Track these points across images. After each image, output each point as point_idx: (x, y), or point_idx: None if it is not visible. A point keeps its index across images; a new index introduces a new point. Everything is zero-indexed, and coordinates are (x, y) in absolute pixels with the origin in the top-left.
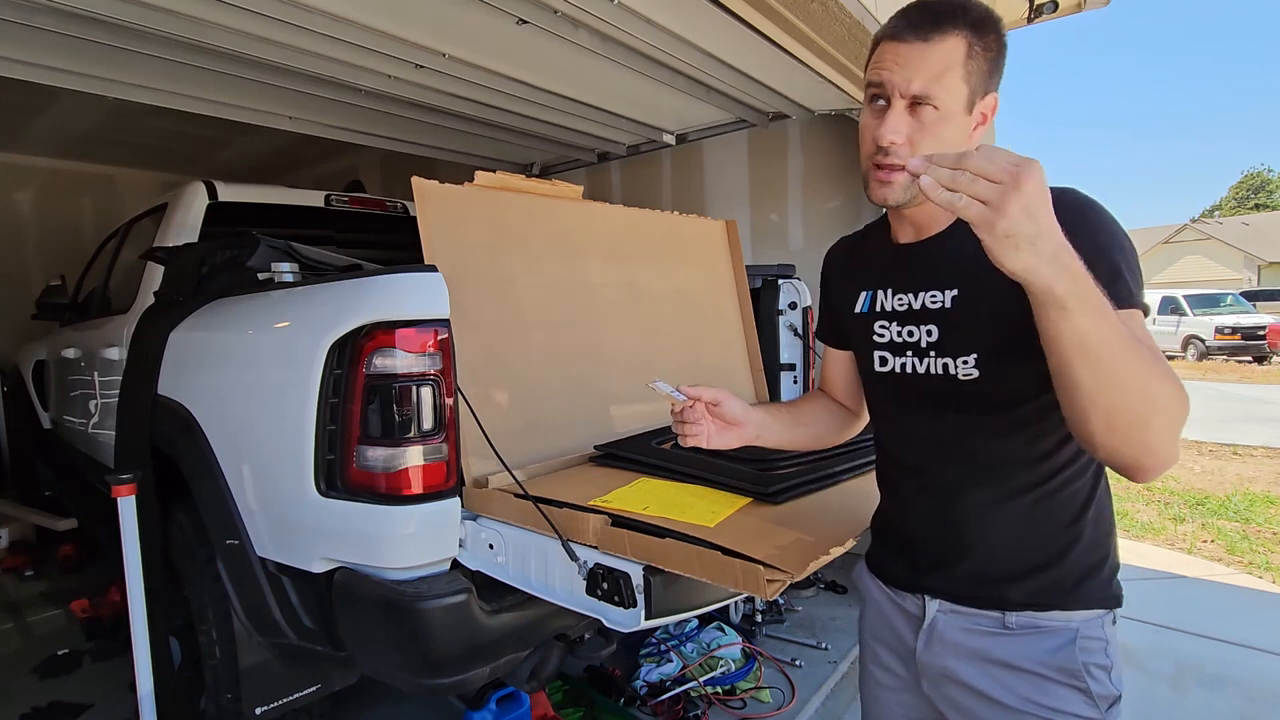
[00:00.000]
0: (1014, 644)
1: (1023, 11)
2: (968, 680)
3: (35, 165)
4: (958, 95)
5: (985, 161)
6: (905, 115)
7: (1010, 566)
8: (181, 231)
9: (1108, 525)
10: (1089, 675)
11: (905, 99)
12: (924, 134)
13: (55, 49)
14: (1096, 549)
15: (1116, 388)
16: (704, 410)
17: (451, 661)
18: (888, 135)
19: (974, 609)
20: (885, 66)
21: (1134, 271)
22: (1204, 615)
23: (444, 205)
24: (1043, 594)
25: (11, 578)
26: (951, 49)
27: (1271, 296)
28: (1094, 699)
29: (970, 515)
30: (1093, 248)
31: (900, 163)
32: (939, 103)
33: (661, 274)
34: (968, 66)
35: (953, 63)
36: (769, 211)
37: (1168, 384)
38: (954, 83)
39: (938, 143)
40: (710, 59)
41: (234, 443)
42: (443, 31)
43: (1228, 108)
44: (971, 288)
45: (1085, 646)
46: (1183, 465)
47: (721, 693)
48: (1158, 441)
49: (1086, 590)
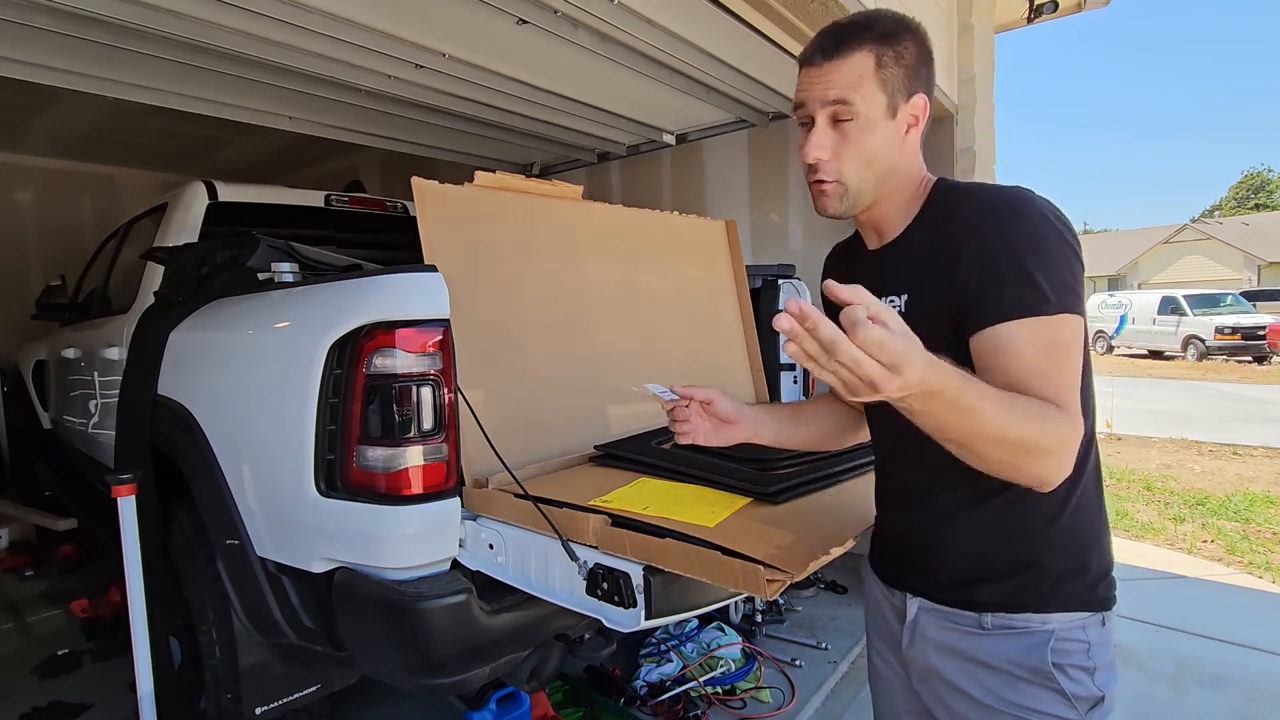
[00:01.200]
0: (989, 643)
1: (1023, 11)
2: (949, 677)
3: (35, 165)
4: (875, 103)
5: (854, 355)
6: (829, 131)
7: (982, 568)
8: (181, 231)
9: (1091, 528)
10: (1064, 675)
11: (825, 113)
12: (848, 145)
13: (55, 49)
14: (1075, 552)
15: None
16: (698, 408)
17: (451, 661)
18: (812, 153)
19: (951, 608)
20: (802, 88)
21: (1053, 277)
22: (1204, 615)
23: (444, 205)
24: (1016, 595)
25: (11, 578)
26: (859, 62)
27: (1271, 296)
28: (1070, 700)
29: (940, 518)
30: (1004, 253)
31: (829, 179)
32: (856, 112)
33: (661, 274)
34: (880, 75)
35: (864, 74)
36: (769, 211)
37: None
38: (869, 91)
39: (863, 152)
40: (710, 59)
41: (234, 443)
42: (443, 31)
43: (1228, 108)
44: (918, 292)
45: (1061, 648)
46: (1183, 465)
47: (721, 693)
48: (1044, 473)
49: (1065, 593)
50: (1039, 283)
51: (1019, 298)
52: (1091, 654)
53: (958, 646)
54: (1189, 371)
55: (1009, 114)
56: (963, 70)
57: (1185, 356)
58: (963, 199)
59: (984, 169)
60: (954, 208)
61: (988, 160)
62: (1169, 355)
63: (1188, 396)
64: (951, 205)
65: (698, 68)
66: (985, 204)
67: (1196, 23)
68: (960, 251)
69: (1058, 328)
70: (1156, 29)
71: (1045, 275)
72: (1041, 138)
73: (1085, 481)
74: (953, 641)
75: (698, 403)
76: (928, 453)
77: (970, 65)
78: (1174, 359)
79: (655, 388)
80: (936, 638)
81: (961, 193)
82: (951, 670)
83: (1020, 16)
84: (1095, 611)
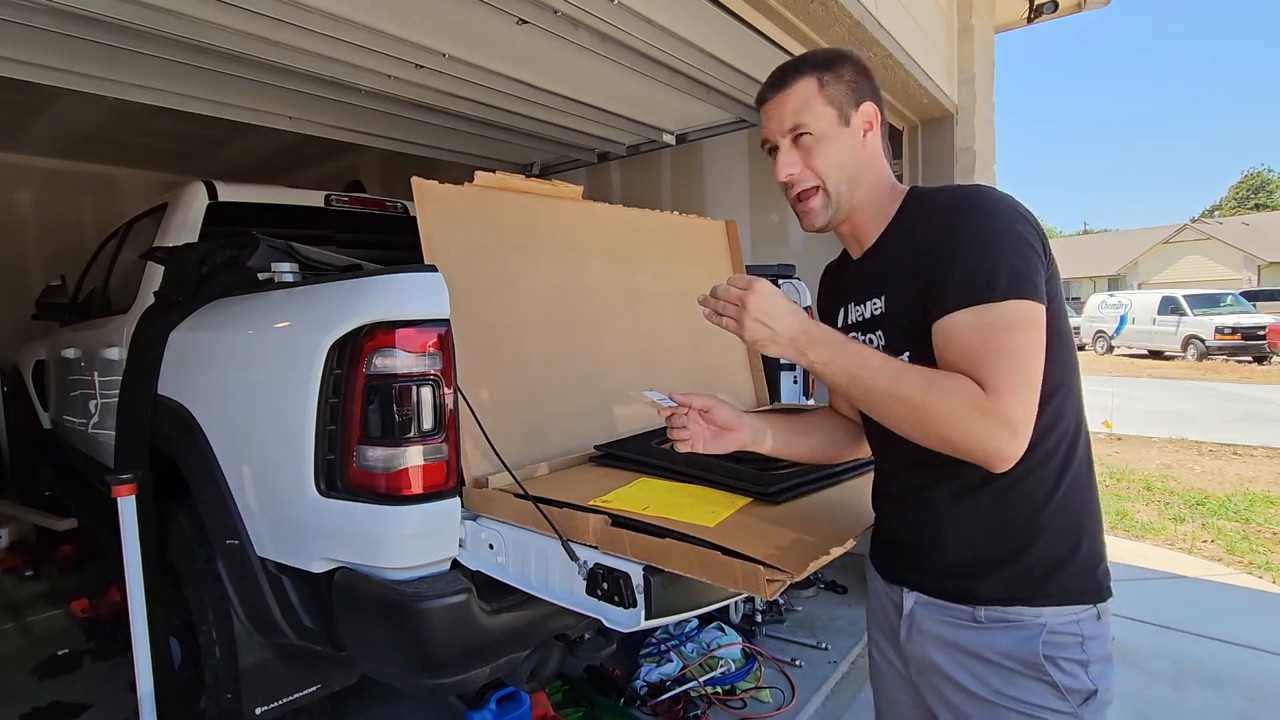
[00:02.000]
0: (983, 636)
1: (1023, 11)
2: (945, 670)
3: (35, 165)
4: (825, 116)
5: (724, 291)
6: (793, 150)
7: (976, 561)
8: (181, 231)
9: (1080, 514)
10: (1055, 668)
11: (786, 137)
12: (812, 156)
13: (55, 49)
14: (1065, 539)
15: (885, 412)
16: (696, 416)
17: (451, 661)
18: (784, 171)
19: (946, 601)
20: (764, 124)
21: (997, 265)
22: (1204, 615)
23: (443, 206)
24: (1009, 588)
25: (11, 578)
26: (803, 88)
27: (1271, 296)
28: (1063, 692)
29: (934, 514)
30: (949, 246)
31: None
32: (811, 128)
33: (661, 274)
34: (824, 94)
35: (809, 96)
36: (769, 211)
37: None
38: (817, 108)
39: (828, 159)
40: (710, 59)
41: (234, 443)
42: (443, 31)
43: (1228, 108)
44: (892, 293)
45: (1053, 640)
46: (1183, 465)
47: (721, 693)
48: (960, 443)
49: (1057, 584)
50: (980, 271)
51: (961, 288)
52: (1086, 647)
53: (953, 640)
54: (1189, 371)
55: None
56: (963, 70)
57: (1185, 356)
58: (926, 200)
59: (984, 169)
60: (920, 209)
61: (988, 160)
62: (1169, 355)
63: (1188, 396)
64: (918, 207)
65: (698, 68)
66: (941, 202)
67: (1196, 23)
68: (918, 248)
69: (1000, 313)
70: (1156, 29)
71: (988, 264)
72: (1041, 138)
73: (1075, 469)
74: (948, 635)
75: (696, 410)
76: (915, 451)
77: (970, 65)
78: (1174, 359)
79: (654, 395)
80: (932, 631)
81: (927, 195)
82: (947, 663)
83: (1020, 16)
84: (1089, 604)
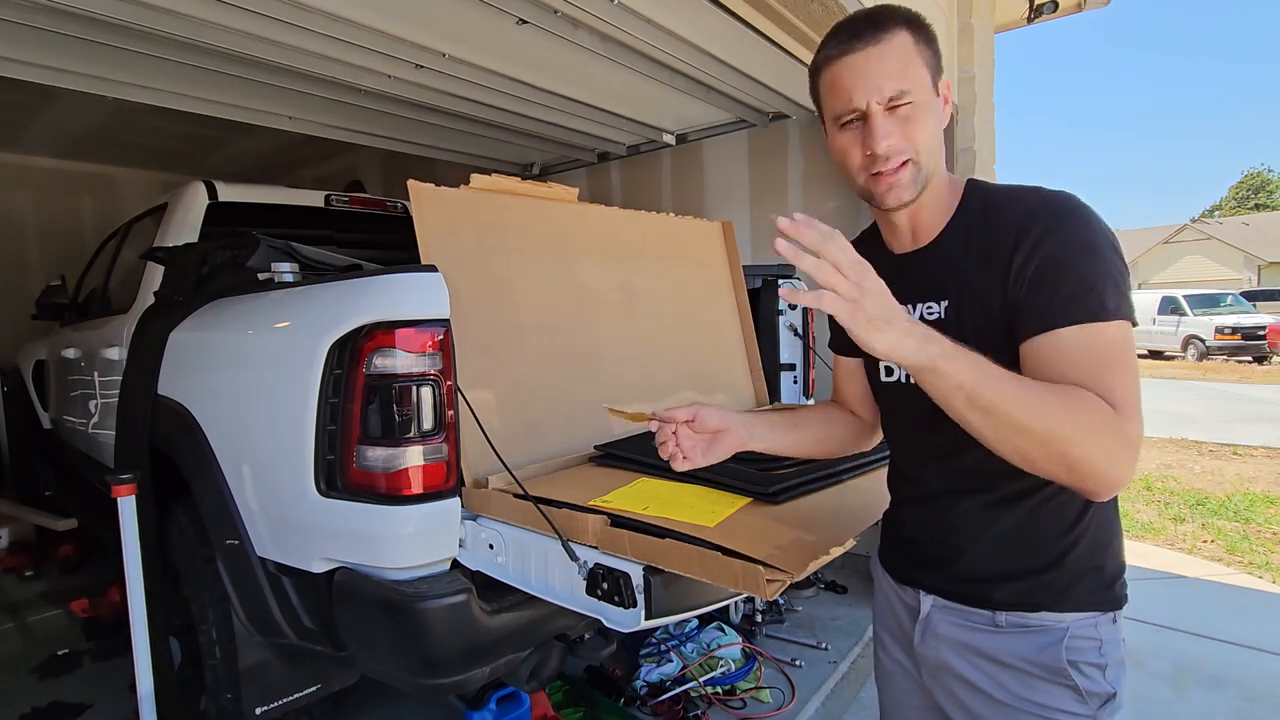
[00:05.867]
0: (1003, 641)
1: (1023, 11)
2: (962, 673)
3: (35, 165)
4: (924, 83)
5: (839, 252)
6: (889, 117)
7: (1000, 569)
8: (181, 231)
9: (1108, 531)
10: (1078, 672)
11: (882, 105)
12: (911, 127)
13: (55, 49)
14: (1094, 554)
15: (1015, 430)
16: (684, 430)
17: (451, 661)
18: (882, 141)
19: (965, 605)
20: (847, 85)
21: (1108, 283)
22: (1204, 615)
23: (440, 208)
24: (1032, 594)
25: (11, 578)
26: (901, 42)
27: (1271, 296)
28: (1084, 696)
29: (962, 523)
30: (1055, 256)
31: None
32: (913, 96)
33: (658, 275)
34: (920, 53)
35: (909, 53)
36: (769, 211)
37: (1075, 414)
38: (917, 71)
39: (927, 132)
40: (710, 59)
41: (234, 443)
42: (443, 31)
43: (1228, 108)
44: (961, 299)
45: (1074, 645)
46: (1183, 465)
47: (721, 693)
48: (1087, 466)
49: (1079, 592)
50: (1095, 288)
51: (1074, 302)
52: (1103, 651)
53: (970, 643)
54: (1189, 371)
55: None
56: (963, 70)
57: (1185, 356)
58: (1007, 201)
59: (984, 169)
60: (996, 210)
61: (988, 160)
62: (1169, 355)
63: (1188, 396)
64: (993, 208)
65: (698, 68)
66: (1036, 207)
67: (1196, 23)
68: (1012, 256)
69: (1113, 333)
70: (1156, 29)
71: (1100, 280)
72: (1041, 138)
73: None
74: (965, 638)
75: (681, 424)
76: (952, 454)
77: (970, 65)
78: (1174, 359)
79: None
80: (949, 634)
81: (1004, 195)
82: (965, 667)
83: (1020, 16)
84: (1108, 610)
